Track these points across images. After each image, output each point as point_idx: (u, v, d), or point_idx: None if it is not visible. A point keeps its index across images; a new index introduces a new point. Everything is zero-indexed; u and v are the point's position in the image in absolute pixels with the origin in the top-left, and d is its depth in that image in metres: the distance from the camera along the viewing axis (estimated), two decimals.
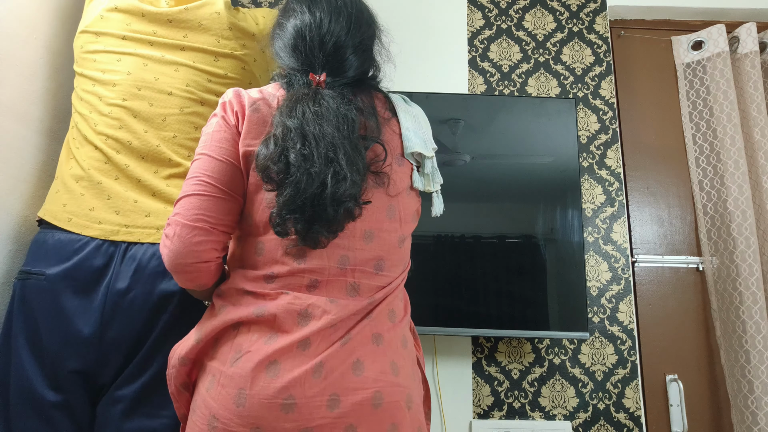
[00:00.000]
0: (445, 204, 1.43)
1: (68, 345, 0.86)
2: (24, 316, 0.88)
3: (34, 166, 1.08)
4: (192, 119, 0.99)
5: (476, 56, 1.68)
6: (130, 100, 0.97)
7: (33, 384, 0.85)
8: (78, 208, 0.92)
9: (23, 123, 1.05)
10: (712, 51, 1.64)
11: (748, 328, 1.39)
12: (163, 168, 0.96)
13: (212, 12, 1.03)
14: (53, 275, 0.87)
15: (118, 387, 0.87)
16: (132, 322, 0.87)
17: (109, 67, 0.99)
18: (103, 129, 0.96)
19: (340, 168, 0.71)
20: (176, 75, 0.99)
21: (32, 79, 1.07)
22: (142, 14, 1.01)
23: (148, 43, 1.01)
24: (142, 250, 0.90)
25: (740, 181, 1.50)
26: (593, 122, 1.63)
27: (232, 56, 1.04)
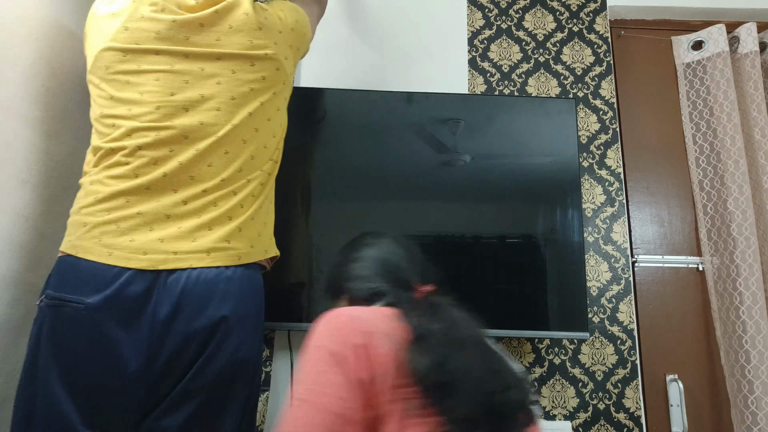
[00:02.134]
0: (445, 204, 1.44)
1: (113, 381, 0.80)
2: (55, 346, 0.81)
3: (33, 167, 1.08)
4: (241, 133, 0.96)
5: (476, 56, 1.68)
6: (179, 121, 0.92)
7: (67, 419, 0.79)
8: (116, 241, 0.86)
9: (23, 123, 1.05)
10: (712, 51, 1.64)
11: (748, 328, 1.39)
12: (213, 188, 0.92)
13: (241, 13, 0.99)
14: (94, 305, 0.81)
15: (160, 416, 0.82)
16: (180, 349, 0.82)
17: (149, 88, 0.93)
18: (148, 153, 0.90)
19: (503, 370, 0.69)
20: (219, 89, 0.95)
21: (32, 79, 1.07)
22: (172, 20, 0.95)
23: (183, 56, 0.95)
24: (185, 275, 0.85)
25: (740, 181, 1.50)
26: (593, 122, 1.63)
27: (266, 57, 1.00)
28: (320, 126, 1.47)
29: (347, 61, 1.65)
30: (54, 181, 1.14)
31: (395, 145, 1.43)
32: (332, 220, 1.40)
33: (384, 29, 1.69)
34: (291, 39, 1.07)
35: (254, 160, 0.97)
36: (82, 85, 1.22)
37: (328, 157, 1.43)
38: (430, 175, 1.42)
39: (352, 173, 1.42)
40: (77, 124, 1.22)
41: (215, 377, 0.83)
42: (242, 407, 0.87)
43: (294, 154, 1.40)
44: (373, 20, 1.70)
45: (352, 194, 1.41)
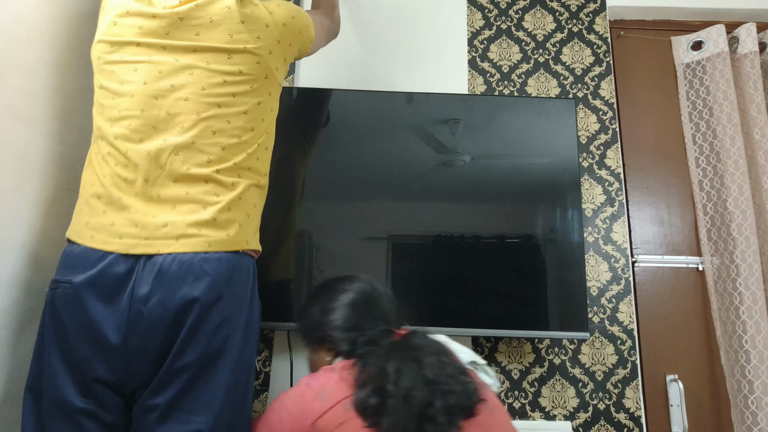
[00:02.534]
0: (446, 204, 1.44)
1: (96, 352, 0.86)
2: (54, 324, 0.89)
3: (34, 167, 1.08)
4: (209, 123, 0.97)
5: (476, 56, 1.68)
6: (148, 111, 0.96)
7: (63, 391, 0.86)
8: (99, 224, 0.92)
9: (23, 123, 1.05)
10: (711, 51, 1.64)
11: (748, 328, 1.39)
12: (182, 176, 0.94)
13: (223, 6, 1.00)
14: (78, 283, 0.88)
15: (150, 395, 0.86)
16: (156, 328, 0.86)
17: (127, 78, 0.98)
18: (123, 143, 0.96)
19: (443, 384, 0.82)
20: (191, 79, 0.97)
21: (32, 79, 1.07)
22: (153, 15, 0.99)
23: (161, 48, 0.99)
24: (162, 258, 0.89)
25: (740, 181, 1.50)
26: (593, 122, 1.64)
27: (245, 51, 1.00)
28: (320, 126, 1.47)
29: (347, 61, 1.65)
30: (54, 181, 1.14)
31: (395, 145, 1.44)
32: (332, 219, 1.40)
33: (384, 29, 1.70)
34: (280, 34, 1.06)
35: (225, 151, 0.97)
36: (83, 85, 1.23)
37: (328, 157, 1.44)
38: (430, 175, 1.42)
39: (352, 173, 1.42)
40: (77, 124, 1.22)
41: (199, 355, 0.86)
42: (230, 384, 0.89)
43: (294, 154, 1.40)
44: (373, 20, 1.70)
45: (352, 194, 1.41)
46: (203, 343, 0.86)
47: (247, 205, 1.00)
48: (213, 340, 0.87)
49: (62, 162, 1.17)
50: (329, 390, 0.84)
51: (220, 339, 0.88)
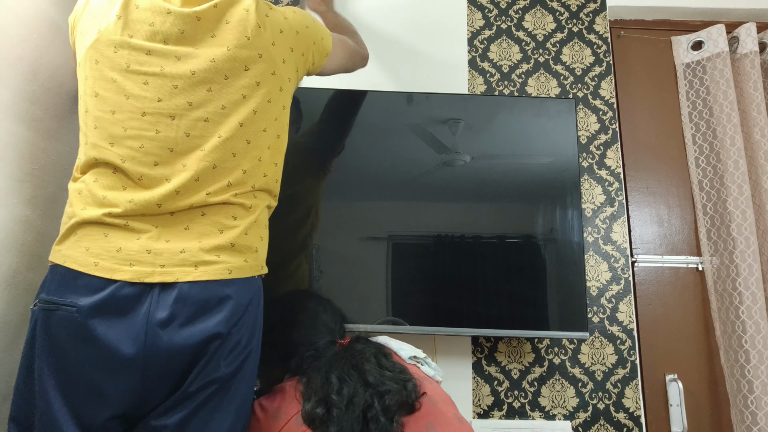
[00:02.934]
0: (446, 204, 1.44)
1: (108, 376, 0.79)
2: (50, 350, 0.80)
3: (33, 167, 1.08)
4: (231, 144, 0.90)
5: (476, 56, 1.68)
6: (164, 132, 0.87)
7: (59, 422, 0.78)
8: (103, 250, 0.83)
9: (23, 123, 1.05)
10: (711, 51, 1.64)
11: (748, 327, 1.39)
12: (200, 201, 0.88)
13: (241, 9, 0.93)
14: (86, 308, 0.79)
15: (159, 416, 0.81)
16: (174, 357, 0.81)
17: (135, 92, 0.88)
18: (133, 166, 0.86)
19: (380, 385, 0.88)
20: (209, 96, 0.89)
21: (32, 79, 1.07)
22: (167, 11, 0.90)
23: (175, 58, 0.89)
24: (178, 286, 0.83)
25: (740, 181, 1.50)
26: (593, 122, 1.64)
27: (260, 59, 0.93)
28: (320, 126, 1.47)
29: None
30: (54, 181, 1.14)
31: (395, 145, 1.44)
32: (332, 219, 1.40)
33: (384, 29, 1.70)
34: (293, 42, 1.00)
35: (246, 175, 0.92)
36: None
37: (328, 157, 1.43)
38: (430, 175, 1.42)
39: (352, 173, 1.42)
40: (77, 124, 1.22)
41: (214, 379, 0.83)
42: (238, 405, 0.87)
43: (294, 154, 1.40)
44: (374, 20, 1.70)
45: (352, 194, 1.41)
46: (219, 368, 0.83)
47: (261, 228, 0.96)
48: (227, 365, 0.84)
49: (62, 162, 1.17)
50: (281, 409, 0.89)
51: (234, 364, 0.85)
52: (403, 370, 0.94)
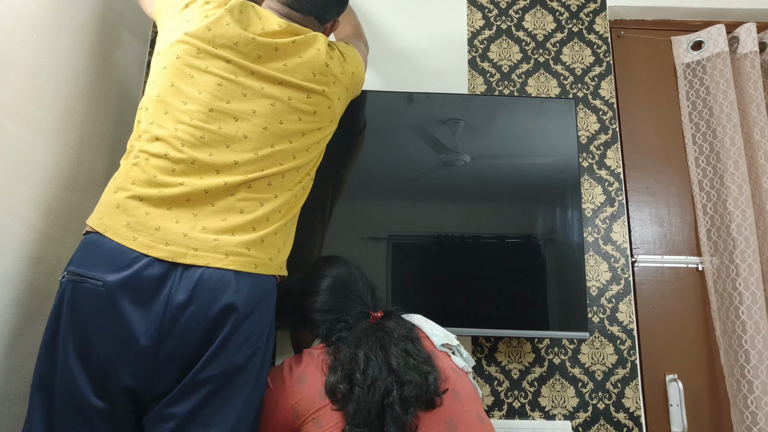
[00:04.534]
0: (446, 204, 1.44)
1: (123, 355, 0.85)
2: (74, 320, 0.86)
3: (33, 167, 1.08)
4: (279, 156, 1.01)
5: (476, 56, 1.68)
6: (225, 129, 0.97)
7: (80, 391, 0.84)
8: (143, 227, 0.90)
9: (23, 123, 1.05)
10: (711, 51, 1.64)
11: (748, 327, 1.40)
12: (242, 195, 0.96)
13: (314, 49, 1.06)
14: (112, 283, 0.85)
15: (169, 404, 0.85)
16: (190, 337, 0.86)
17: (208, 90, 0.98)
18: (189, 151, 0.95)
19: (403, 374, 0.86)
20: (271, 110, 1.00)
21: (32, 78, 1.07)
22: (252, 38, 1.01)
23: (249, 72, 1.01)
24: (202, 269, 0.89)
25: (740, 181, 1.50)
26: (593, 122, 1.64)
27: (322, 94, 1.06)
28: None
29: None
30: (54, 181, 1.14)
31: (395, 145, 1.44)
32: (332, 219, 1.40)
33: (384, 29, 1.70)
34: (348, 82, 1.14)
35: (284, 179, 1.02)
36: (83, 85, 1.23)
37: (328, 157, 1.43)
38: (430, 175, 1.42)
39: (352, 173, 1.42)
40: (77, 124, 1.22)
41: (223, 370, 0.86)
42: (246, 402, 0.89)
43: None
44: (373, 20, 1.70)
45: (352, 194, 1.41)
46: (229, 357, 0.87)
47: (288, 233, 1.05)
48: (237, 356, 0.88)
49: (62, 162, 1.17)
50: (307, 376, 0.89)
51: (243, 356, 0.89)
52: (427, 360, 0.91)
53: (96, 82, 1.28)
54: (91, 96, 1.26)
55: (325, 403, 0.85)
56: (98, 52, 1.27)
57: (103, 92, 1.32)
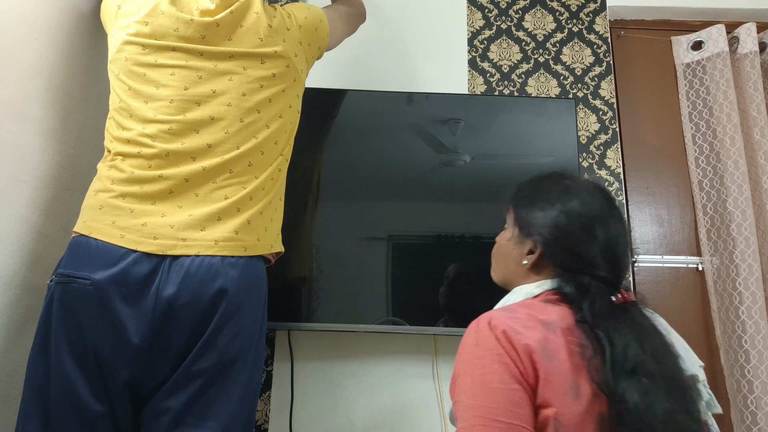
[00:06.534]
0: (446, 204, 1.44)
1: (118, 353, 0.84)
2: (66, 322, 0.85)
3: (33, 167, 1.08)
4: (252, 129, 0.99)
5: (476, 56, 1.68)
6: (191, 115, 0.96)
7: (78, 393, 0.83)
8: (129, 224, 0.90)
9: (23, 123, 1.05)
10: (711, 51, 1.64)
11: (748, 328, 1.39)
12: (223, 179, 0.96)
13: (252, 13, 1.04)
14: (101, 281, 0.85)
15: (164, 397, 0.85)
16: (181, 329, 0.86)
17: (164, 82, 0.98)
18: (160, 144, 0.94)
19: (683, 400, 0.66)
20: (230, 85, 0.99)
21: (32, 78, 1.07)
22: (190, 20, 1.00)
23: (198, 53, 1.00)
24: (190, 260, 0.89)
25: (740, 181, 1.50)
26: (593, 122, 1.64)
27: (275, 55, 1.04)
28: (320, 126, 1.47)
29: (347, 61, 1.65)
30: (54, 181, 1.14)
31: (395, 145, 1.44)
32: (332, 219, 1.40)
33: (384, 29, 1.70)
34: (300, 36, 1.10)
35: (264, 156, 1.01)
36: (83, 85, 1.22)
37: (329, 157, 1.43)
38: (430, 175, 1.42)
39: (352, 173, 1.42)
40: (77, 124, 1.22)
41: (216, 362, 0.86)
42: (242, 394, 0.89)
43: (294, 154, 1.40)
44: (373, 20, 1.70)
45: (352, 194, 1.41)
46: (221, 349, 0.87)
47: (273, 210, 1.04)
48: (230, 348, 0.88)
49: (61, 161, 1.17)
50: (551, 350, 0.66)
51: (236, 347, 0.89)
52: (691, 388, 0.71)
53: (96, 82, 1.28)
54: (91, 96, 1.26)
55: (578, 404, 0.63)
56: (98, 52, 1.27)
57: (103, 92, 1.32)
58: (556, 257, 0.78)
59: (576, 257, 0.76)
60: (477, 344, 0.70)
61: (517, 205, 0.88)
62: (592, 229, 0.76)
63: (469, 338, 0.72)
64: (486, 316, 0.72)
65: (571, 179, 0.84)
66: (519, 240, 0.84)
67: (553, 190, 0.82)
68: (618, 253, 0.77)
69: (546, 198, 0.82)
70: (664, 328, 0.75)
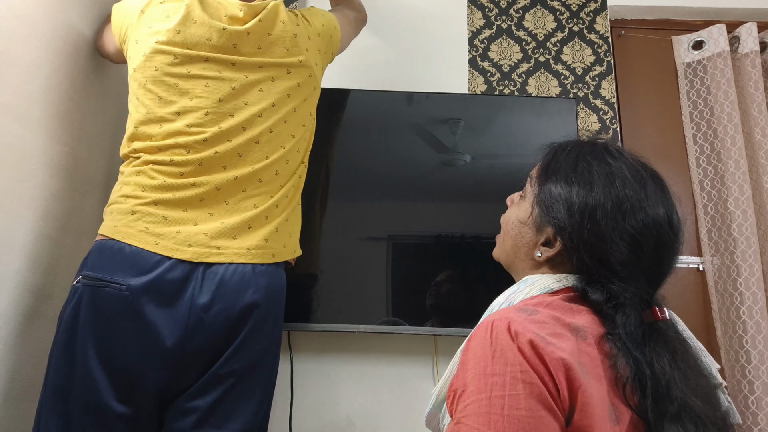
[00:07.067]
0: (446, 204, 1.44)
1: (149, 357, 0.86)
2: (95, 325, 0.86)
3: (33, 167, 1.08)
4: (279, 138, 1.02)
5: (476, 56, 1.68)
6: (225, 126, 0.98)
7: (101, 395, 0.84)
8: (164, 231, 0.92)
9: (22, 123, 1.05)
10: (712, 51, 1.64)
11: (749, 328, 1.39)
12: (252, 188, 0.98)
13: (279, 22, 1.05)
14: (137, 287, 0.86)
15: (191, 398, 0.87)
16: (214, 336, 0.88)
17: (198, 93, 0.99)
18: (194, 155, 0.96)
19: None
20: (261, 96, 1.02)
21: (32, 78, 1.07)
22: (222, 28, 1.01)
23: (230, 64, 1.01)
24: (224, 268, 0.91)
25: (741, 181, 1.50)
26: (593, 122, 1.63)
27: (300, 65, 1.06)
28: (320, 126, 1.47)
29: (347, 61, 1.65)
30: (53, 181, 1.14)
31: (395, 145, 1.43)
32: (332, 219, 1.39)
33: (384, 29, 1.69)
34: (319, 44, 1.13)
35: (288, 164, 1.04)
36: (82, 84, 1.22)
37: (328, 157, 1.43)
38: (430, 175, 1.42)
39: (352, 173, 1.42)
40: (77, 124, 1.21)
41: (243, 365, 0.89)
42: (261, 396, 0.93)
43: None
44: (374, 20, 1.70)
45: (352, 194, 1.41)
46: (249, 354, 0.90)
47: (297, 215, 1.08)
48: (257, 350, 0.91)
49: (61, 161, 1.16)
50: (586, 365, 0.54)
51: (262, 350, 0.92)
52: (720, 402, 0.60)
53: (96, 82, 1.28)
54: (91, 96, 1.26)
55: (618, 431, 0.52)
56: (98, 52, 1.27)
57: (103, 92, 1.32)
58: (579, 261, 0.62)
59: (605, 268, 0.60)
60: (493, 356, 0.54)
61: (544, 177, 0.70)
62: (638, 236, 0.61)
63: (480, 347, 0.56)
64: (502, 318, 0.56)
65: (619, 158, 0.67)
66: (537, 223, 0.67)
67: (595, 173, 0.64)
68: (663, 269, 0.65)
69: (583, 181, 0.64)
70: (688, 336, 0.65)
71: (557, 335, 0.55)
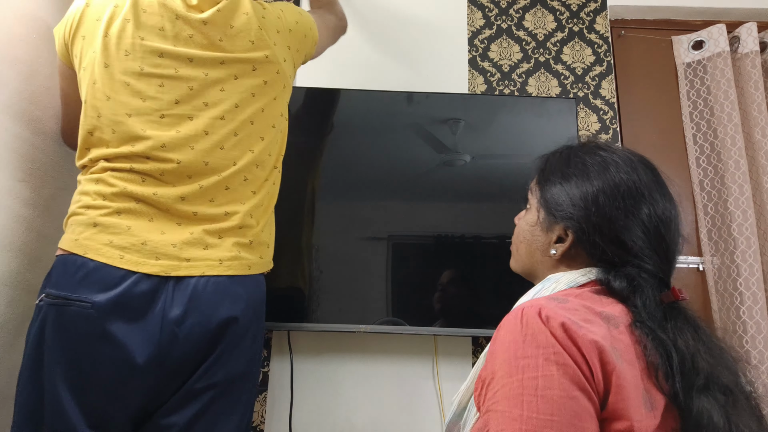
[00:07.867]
0: (446, 204, 1.44)
1: (120, 376, 0.80)
2: (62, 347, 0.80)
3: (33, 167, 1.08)
4: (247, 142, 0.94)
5: (476, 56, 1.68)
6: (184, 131, 0.89)
7: (70, 420, 0.78)
8: (128, 243, 0.84)
9: (22, 123, 1.05)
10: (712, 51, 1.64)
11: (749, 328, 1.39)
12: (221, 196, 0.91)
13: (242, 13, 0.96)
14: (102, 303, 0.80)
15: (167, 414, 0.83)
16: (189, 350, 0.83)
17: (152, 94, 0.89)
18: (154, 164, 0.88)
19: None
20: (223, 96, 0.93)
21: (31, 78, 1.07)
22: (176, 16, 0.92)
23: (187, 60, 0.91)
24: (195, 280, 0.85)
25: (741, 181, 1.50)
26: (594, 122, 1.63)
27: (266, 60, 0.97)
28: (320, 126, 1.47)
29: (347, 61, 1.65)
30: (52, 181, 1.14)
31: (395, 145, 1.43)
32: (332, 219, 1.39)
33: (384, 29, 1.69)
34: (289, 40, 1.03)
35: (259, 169, 0.96)
36: None
37: (328, 157, 1.43)
38: (430, 175, 1.42)
39: (352, 173, 1.42)
40: None
41: (222, 379, 0.84)
42: (243, 410, 0.88)
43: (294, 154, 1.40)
44: (374, 20, 1.70)
45: (352, 194, 1.41)
46: (229, 365, 0.85)
47: (272, 225, 1.02)
48: (238, 363, 0.86)
49: (62, 162, 1.17)
50: (619, 350, 0.55)
51: (243, 362, 0.87)
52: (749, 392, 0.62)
53: None
54: None
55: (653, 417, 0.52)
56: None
57: None
58: (592, 246, 0.64)
59: (618, 247, 0.63)
60: (524, 341, 0.53)
61: (543, 180, 0.74)
62: (637, 211, 0.65)
63: (510, 333, 0.56)
64: (532, 305, 0.56)
65: (609, 150, 0.72)
66: (546, 225, 0.70)
67: (588, 164, 0.69)
68: (668, 240, 0.67)
69: (579, 173, 0.69)
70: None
71: (589, 321, 0.55)
